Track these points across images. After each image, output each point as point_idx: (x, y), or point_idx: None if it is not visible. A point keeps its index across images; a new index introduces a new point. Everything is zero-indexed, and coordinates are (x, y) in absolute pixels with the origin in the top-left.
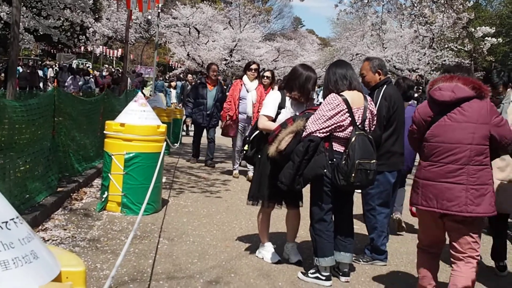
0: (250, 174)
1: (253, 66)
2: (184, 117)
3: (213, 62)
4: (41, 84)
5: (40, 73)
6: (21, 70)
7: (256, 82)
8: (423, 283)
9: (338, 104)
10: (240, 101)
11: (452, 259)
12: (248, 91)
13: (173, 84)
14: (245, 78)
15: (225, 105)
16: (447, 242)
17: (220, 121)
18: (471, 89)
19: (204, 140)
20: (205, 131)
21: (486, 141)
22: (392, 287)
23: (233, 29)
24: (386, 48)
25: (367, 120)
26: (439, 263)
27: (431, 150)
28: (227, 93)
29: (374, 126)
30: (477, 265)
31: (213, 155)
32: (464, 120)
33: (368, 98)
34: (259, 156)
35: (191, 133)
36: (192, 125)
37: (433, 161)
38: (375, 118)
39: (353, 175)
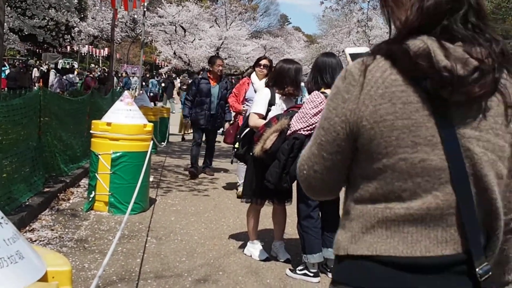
0: (240, 189)
1: (263, 62)
2: (183, 118)
3: (216, 55)
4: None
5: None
6: (8, 70)
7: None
8: None
9: (321, 102)
10: (247, 102)
11: None
12: (256, 91)
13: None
14: (253, 76)
15: (229, 99)
16: None
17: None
18: None
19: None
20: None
21: None
22: None
23: (219, 27)
24: (372, 44)
25: None
26: None
27: None
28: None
29: None
30: None
31: (211, 161)
32: None
33: None
34: (251, 153)
35: (188, 136)
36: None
37: None
38: None
39: None
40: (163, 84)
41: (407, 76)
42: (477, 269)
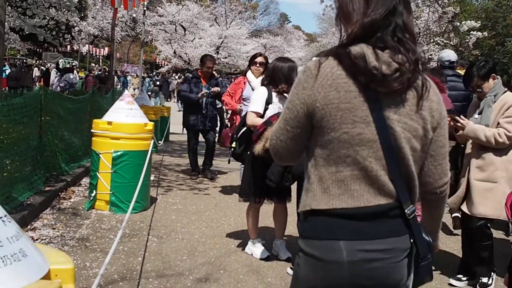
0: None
1: (259, 59)
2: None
3: (209, 54)
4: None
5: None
6: (8, 70)
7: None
8: None
9: None
10: (243, 102)
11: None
12: (253, 90)
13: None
14: (249, 74)
15: (224, 98)
16: None
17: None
18: None
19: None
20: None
21: None
22: None
23: (219, 26)
24: None
25: None
26: None
27: None
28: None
29: None
30: None
31: (211, 163)
32: None
33: None
34: (248, 152)
35: None
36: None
37: None
38: None
39: None
40: (158, 83)
41: (349, 72)
42: (405, 210)
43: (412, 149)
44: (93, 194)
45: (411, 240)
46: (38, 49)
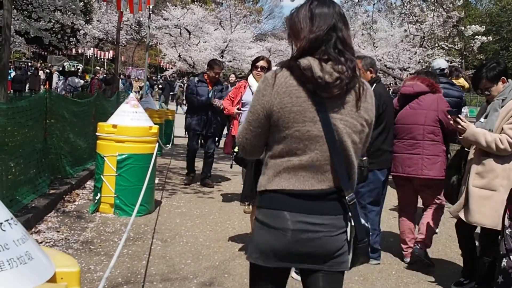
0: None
1: (261, 63)
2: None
3: (217, 59)
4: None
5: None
6: (13, 73)
7: None
8: (404, 237)
9: None
10: (243, 107)
11: (423, 208)
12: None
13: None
14: (250, 78)
15: (224, 103)
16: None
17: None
18: (426, 86)
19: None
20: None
21: (436, 123)
22: (386, 286)
23: (224, 29)
24: (377, 47)
25: None
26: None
27: (398, 130)
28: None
29: None
30: (442, 209)
31: (210, 172)
32: (419, 107)
33: None
34: None
35: None
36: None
37: (399, 138)
38: None
39: None
40: (160, 86)
41: (299, 81)
42: (346, 197)
43: (353, 142)
44: (97, 197)
45: (350, 223)
46: (43, 52)
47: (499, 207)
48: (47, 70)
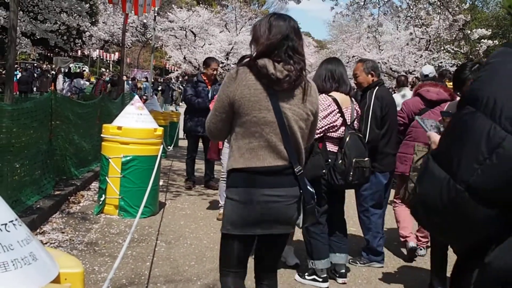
0: (221, 210)
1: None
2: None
3: (212, 57)
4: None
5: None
6: (19, 75)
7: None
8: (404, 232)
9: (330, 105)
10: None
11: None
12: None
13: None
14: None
15: (211, 106)
16: None
17: None
18: (448, 95)
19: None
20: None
21: None
22: None
23: (229, 32)
24: (382, 50)
25: (356, 120)
26: None
27: (418, 134)
28: None
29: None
30: None
31: (212, 173)
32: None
33: (353, 99)
34: None
35: None
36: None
37: (418, 141)
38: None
39: (351, 173)
40: (160, 87)
41: (256, 76)
42: (295, 170)
43: (299, 127)
44: (102, 199)
45: (300, 191)
46: (49, 54)
47: None
48: (53, 72)
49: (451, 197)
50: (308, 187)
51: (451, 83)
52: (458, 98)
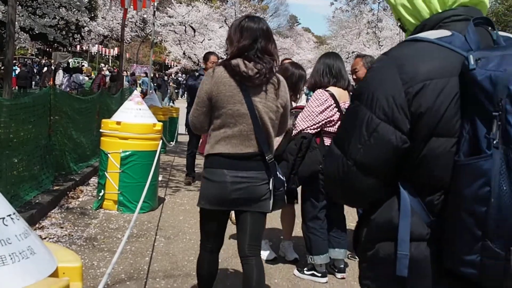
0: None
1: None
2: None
3: (211, 51)
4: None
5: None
6: (18, 70)
7: None
8: None
9: (326, 100)
10: None
11: None
12: None
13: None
14: None
15: None
16: None
17: None
18: None
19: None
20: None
21: None
22: None
23: (229, 27)
24: (382, 46)
25: None
26: None
27: None
28: None
29: None
30: None
31: None
32: None
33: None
34: None
35: None
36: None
37: None
38: None
39: None
40: (156, 83)
41: (230, 74)
42: (266, 157)
43: (270, 119)
44: (101, 194)
45: (270, 177)
46: (48, 49)
47: None
48: (52, 67)
49: (344, 170)
50: (279, 175)
51: None
52: None
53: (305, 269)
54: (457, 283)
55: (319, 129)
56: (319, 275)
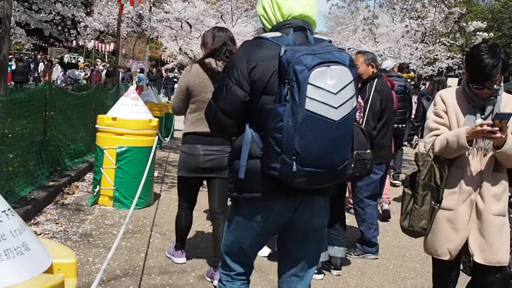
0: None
1: None
2: None
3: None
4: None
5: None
6: (14, 65)
7: None
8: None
9: None
10: None
11: None
12: None
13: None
14: None
15: None
16: None
17: None
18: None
19: None
20: None
21: None
22: (383, 280)
23: (225, 23)
24: (378, 42)
25: (357, 112)
26: None
27: None
28: None
29: (361, 118)
30: None
31: None
32: None
33: None
34: None
35: None
36: None
37: None
38: (363, 110)
39: (353, 165)
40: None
41: (204, 70)
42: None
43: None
44: (96, 190)
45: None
46: (43, 44)
47: (508, 237)
48: (47, 62)
49: (215, 114)
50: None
51: (409, 74)
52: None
53: None
54: (270, 181)
55: None
56: (315, 271)
